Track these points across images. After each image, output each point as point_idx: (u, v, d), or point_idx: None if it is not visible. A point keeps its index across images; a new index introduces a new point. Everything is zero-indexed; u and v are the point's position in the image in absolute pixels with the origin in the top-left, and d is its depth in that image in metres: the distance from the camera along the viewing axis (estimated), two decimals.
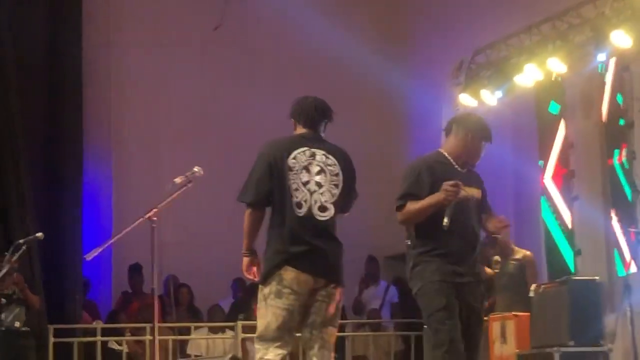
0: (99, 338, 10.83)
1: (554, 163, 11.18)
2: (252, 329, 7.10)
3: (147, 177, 12.61)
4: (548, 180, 11.28)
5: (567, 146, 10.54)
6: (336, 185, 5.95)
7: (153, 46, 13.40)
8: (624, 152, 9.80)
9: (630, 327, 8.44)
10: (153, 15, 13.53)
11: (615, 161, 9.86)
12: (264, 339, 5.80)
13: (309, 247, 5.79)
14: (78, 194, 11.75)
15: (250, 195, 5.90)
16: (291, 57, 13.83)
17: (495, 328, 9.25)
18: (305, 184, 5.88)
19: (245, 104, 13.53)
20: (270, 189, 5.88)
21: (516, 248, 9.71)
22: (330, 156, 5.97)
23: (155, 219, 6.96)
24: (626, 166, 9.73)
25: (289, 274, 5.75)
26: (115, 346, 11.22)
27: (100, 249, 7.29)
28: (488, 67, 11.50)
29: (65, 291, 11.33)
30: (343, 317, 12.76)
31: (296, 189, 5.86)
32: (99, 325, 11.22)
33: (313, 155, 5.94)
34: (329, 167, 5.96)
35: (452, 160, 6.18)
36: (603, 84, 10.17)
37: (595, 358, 8.92)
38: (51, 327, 10.57)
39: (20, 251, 8.59)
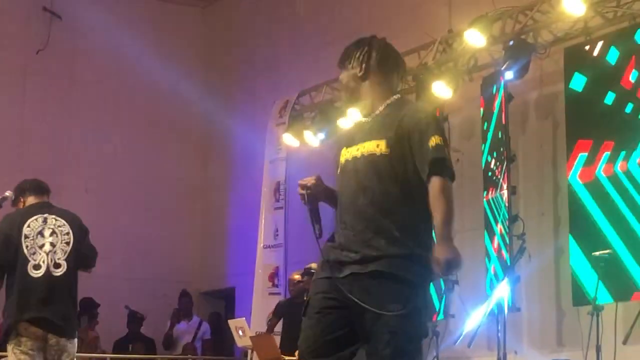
0: None
1: None
2: None
3: None
4: None
5: None
6: (67, 243, 6.82)
7: None
8: None
9: None
10: None
11: None
12: None
13: (40, 308, 6.62)
14: None
15: None
16: (114, 87, 13.61)
17: None
18: (41, 246, 6.74)
19: (65, 131, 13.23)
20: (6, 259, 6.69)
21: None
22: (59, 219, 6.88)
23: None
24: None
25: (23, 325, 6.61)
26: None
27: None
28: (312, 109, 11.62)
29: None
30: (152, 351, 12.61)
31: (34, 253, 6.70)
32: None
33: (45, 221, 6.83)
34: (60, 228, 6.85)
35: (360, 113, 4.55)
36: None
37: None
38: None
39: None
